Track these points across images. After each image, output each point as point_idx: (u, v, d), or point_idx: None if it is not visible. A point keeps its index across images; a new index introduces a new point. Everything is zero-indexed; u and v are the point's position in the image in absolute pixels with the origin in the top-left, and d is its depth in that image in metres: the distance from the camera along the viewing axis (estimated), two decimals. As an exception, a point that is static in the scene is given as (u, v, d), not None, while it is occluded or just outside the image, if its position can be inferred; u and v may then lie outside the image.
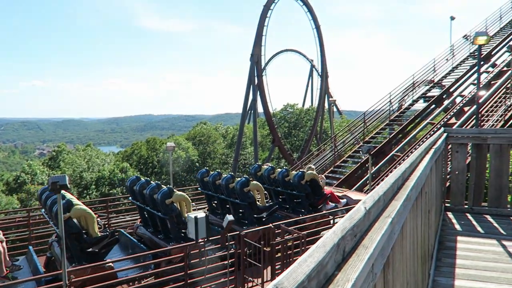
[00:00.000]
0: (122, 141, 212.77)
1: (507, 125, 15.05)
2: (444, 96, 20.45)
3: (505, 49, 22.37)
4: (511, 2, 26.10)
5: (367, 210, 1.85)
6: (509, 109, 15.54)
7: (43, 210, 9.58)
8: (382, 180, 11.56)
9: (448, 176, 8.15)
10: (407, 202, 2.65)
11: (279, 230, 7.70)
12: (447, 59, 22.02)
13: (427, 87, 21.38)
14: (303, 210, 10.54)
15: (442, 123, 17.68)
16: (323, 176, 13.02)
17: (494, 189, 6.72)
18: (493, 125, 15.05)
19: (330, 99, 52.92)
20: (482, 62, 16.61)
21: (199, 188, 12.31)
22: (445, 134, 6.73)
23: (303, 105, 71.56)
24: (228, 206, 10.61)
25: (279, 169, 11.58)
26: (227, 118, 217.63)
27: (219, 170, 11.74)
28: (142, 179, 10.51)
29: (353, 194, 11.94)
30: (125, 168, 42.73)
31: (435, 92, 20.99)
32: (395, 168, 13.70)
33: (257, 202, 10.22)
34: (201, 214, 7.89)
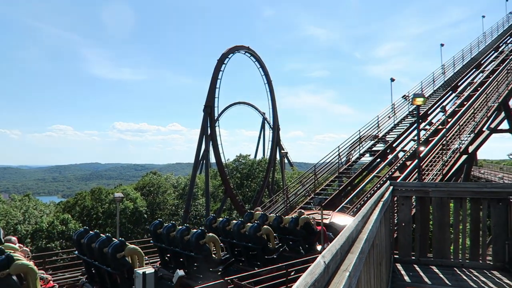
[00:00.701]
0: (65, 191, 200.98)
1: (446, 179, 16.12)
2: (388, 151, 21.67)
3: (439, 109, 24.47)
4: (441, 68, 29.01)
5: (326, 265, 1.90)
6: (446, 164, 16.74)
7: (76, 252, 9.60)
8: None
9: (395, 228, 8.45)
10: (362, 255, 2.73)
11: (232, 286, 7.48)
12: (389, 117, 23.61)
13: (372, 142, 22.60)
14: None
15: (388, 176, 18.58)
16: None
17: (438, 240, 7.04)
18: (433, 178, 16.05)
19: (282, 151, 54.21)
20: (420, 120, 17.98)
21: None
22: (391, 188, 7.07)
23: (255, 156, 72.50)
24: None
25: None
26: (179, 168, 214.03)
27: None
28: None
29: (339, 217, 13.02)
30: (66, 220, 40.03)
31: (380, 147, 22.21)
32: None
33: (213, 255, 9.94)
34: (149, 269, 7.49)
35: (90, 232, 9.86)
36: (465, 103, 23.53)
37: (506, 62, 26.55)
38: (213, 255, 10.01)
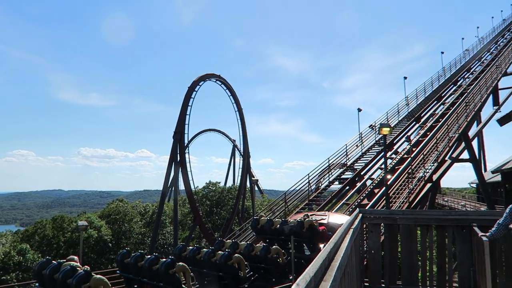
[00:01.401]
0: (24, 219, 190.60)
1: (412, 206, 16.55)
2: (356, 179, 22.10)
3: (404, 139, 25.37)
4: (405, 100, 30.31)
5: (301, 293, 1.90)
6: (412, 192, 17.23)
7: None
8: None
9: (365, 255, 8.53)
10: (334, 283, 2.75)
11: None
12: (357, 146, 24.21)
13: (341, 170, 23.01)
14: None
15: (356, 203, 18.86)
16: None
17: (406, 267, 7.16)
18: (400, 206, 16.44)
19: (252, 178, 54.17)
20: (386, 149, 18.56)
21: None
22: (360, 215, 7.18)
23: (225, 184, 72.07)
24: None
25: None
26: (146, 195, 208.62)
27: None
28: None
29: (336, 217, 14.04)
30: (24, 250, 37.87)
31: (348, 174, 22.63)
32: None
33: (183, 286, 9.63)
34: None
35: (53, 262, 9.34)
36: (428, 133, 24.54)
37: (464, 95, 28.08)
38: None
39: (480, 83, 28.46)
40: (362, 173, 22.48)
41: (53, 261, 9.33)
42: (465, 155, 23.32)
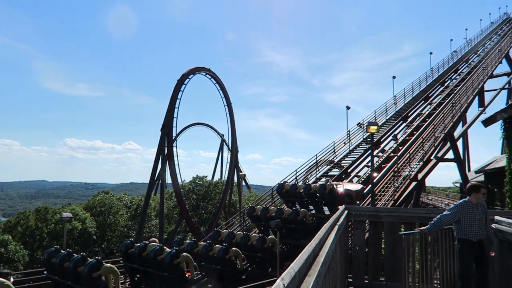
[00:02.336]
0: (6, 210, 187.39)
1: (397, 204, 16.75)
2: (343, 176, 22.25)
3: (391, 137, 25.62)
4: (393, 99, 30.57)
5: (286, 287, 1.91)
6: (398, 190, 17.44)
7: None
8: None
9: (350, 251, 8.61)
10: (319, 278, 2.76)
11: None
12: (344, 143, 24.36)
13: (328, 167, 23.14)
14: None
15: (342, 200, 18.97)
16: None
17: (389, 264, 7.24)
18: (385, 203, 16.62)
19: (240, 173, 54.18)
20: (373, 147, 18.72)
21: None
22: (346, 212, 7.23)
23: (212, 178, 71.86)
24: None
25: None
26: (133, 188, 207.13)
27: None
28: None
29: (349, 185, 16.20)
30: (6, 241, 37.27)
31: (335, 171, 22.77)
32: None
33: (186, 276, 9.84)
34: None
35: (62, 251, 9.47)
36: (414, 132, 24.83)
37: (451, 96, 28.46)
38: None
39: (467, 84, 28.87)
40: (349, 171, 22.64)
41: (62, 250, 9.45)
42: (450, 155, 23.68)
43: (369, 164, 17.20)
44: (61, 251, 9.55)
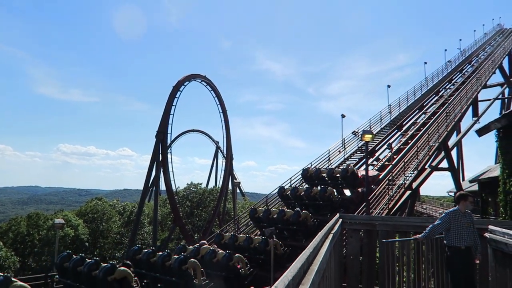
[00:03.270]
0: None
1: (391, 213, 16.73)
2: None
3: (385, 146, 25.68)
4: (388, 108, 30.72)
5: (279, 296, 1.86)
6: (392, 198, 17.42)
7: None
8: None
9: (344, 260, 8.55)
10: (312, 286, 2.71)
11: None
12: (339, 151, 24.36)
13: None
14: None
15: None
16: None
17: (384, 273, 7.18)
18: (380, 212, 16.59)
19: (235, 181, 54.02)
20: (368, 156, 18.73)
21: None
22: (340, 220, 7.19)
23: (207, 185, 71.53)
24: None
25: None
26: (126, 195, 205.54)
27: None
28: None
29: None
30: (-4, 248, 36.77)
31: (330, 179, 22.72)
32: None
33: (194, 281, 9.95)
34: None
35: (74, 256, 10.00)
36: (409, 141, 24.91)
37: (445, 105, 28.65)
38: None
39: (461, 94, 29.09)
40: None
41: (73, 255, 10.03)
42: (444, 164, 23.76)
43: (364, 172, 17.17)
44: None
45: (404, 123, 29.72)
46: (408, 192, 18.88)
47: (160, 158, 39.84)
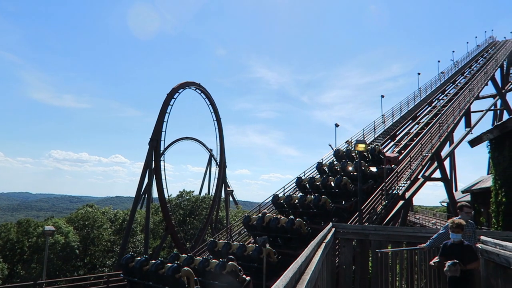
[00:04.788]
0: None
1: (384, 223, 16.69)
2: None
3: (379, 155, 25.71)
4: (382, 118, 30.89)
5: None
6: (385, 208, 17.39)
7: (122, 274, 11.31)
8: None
9: (337, 270, 8.47)
10: (304, 297, 2.65)
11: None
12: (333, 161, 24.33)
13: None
14: None
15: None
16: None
17: (376, 282, 7.13)
18: (373, 222, 16.54)
19: (228, 189, 53.79)
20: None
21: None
22: (333, 229, 7.14)
23: (199, 193, 71.19)
24: None
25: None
26: (118, 202, 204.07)
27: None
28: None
29: (389, 154, 21.39)
30: (-15, 254, 36.16)
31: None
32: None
33: None
34: None
35: (138, 257, 11.17)
36: (402, 151, 24.97)
37: (438, 116, 28.85)
38: None
39: (454, 105, 29.33)
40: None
41: (138, 257, 11.17)
42: (437, 174, 23.83)
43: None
44: (138, 257, 11.31)
45: (397, 133, 29.84)
46: (401, 202, 18.87)
47: (153, 166, 39.59)
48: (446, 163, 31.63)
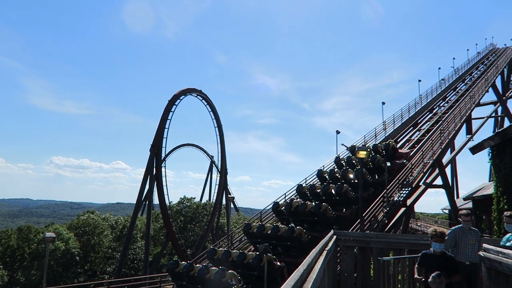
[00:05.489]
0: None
1: (386, 230, 16.63)
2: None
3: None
4: (383, 125, 30.88)
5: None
6: (387, 215, 17.34)
7: (170, 279, 12.61)
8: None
9: (338, 277, 8.43)
10: (306, 305, 2.64)
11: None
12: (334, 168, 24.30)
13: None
14: None
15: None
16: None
17: (378, 291, 7.09)
18: (374, 229, 16.48)
19: (229, 195, 53.63)
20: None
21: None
22: (334, 237, 7.12)
23: (200, 200, 71.03)
24: None
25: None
26: (119, 208, 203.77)
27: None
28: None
29: (402, 150, 23.14)
30: (-16, 261, 36.03)
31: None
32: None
33: None
34: None
35: (183, 262, 12.24)
36: (404, 161, 24.94)
37: (439, 123, 28.84)
38: None
39: (455, 112, 29.33)
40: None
41: (183, 262, 12.21)
42: (439, 181, 23.78)
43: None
44: (182, 262, 12.44)
45: (398, 140, 29.82)
46: (402, 209, 18.82)
47: (154, 172, 39.57)
48: (448, 170, 31.56)
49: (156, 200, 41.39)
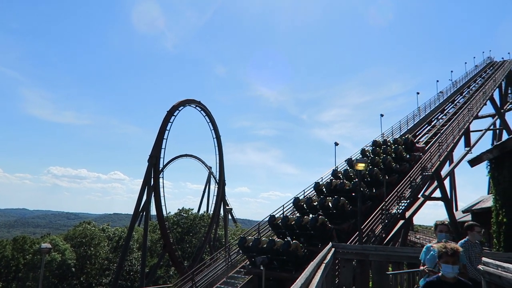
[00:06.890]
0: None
1: (384, 243, 16.51)
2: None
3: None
4: (381, 137, 30.92)
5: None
6: (385, 228, 17.24)
7: (241, 251, 15.22)
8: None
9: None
10: (303, 321, 2.59)
11: None
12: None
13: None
14: None
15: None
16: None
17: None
18: (373, 242, 16.36)
19: (227, 207, 53.34)
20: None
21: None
22: (333, 249, 7.05)
23: (198, 211, 70.62)
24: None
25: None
26: (116, 219, 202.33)
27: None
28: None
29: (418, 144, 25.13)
30: (-21, 272, 35.59)
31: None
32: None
33: None
34: None
35: (250, 237, 14.46)
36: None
37: (438, 135, 28.90)
38: None
39: (453, 124, 29.41)
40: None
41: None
42: (438, 193, 23.72)
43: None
44: (249, 237, 14.91)
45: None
46: (401, 222, 18.73)
47: (152, 183, 39.41)
48: (446, 183, 31.54)
49: (153, 211, 41.15)
